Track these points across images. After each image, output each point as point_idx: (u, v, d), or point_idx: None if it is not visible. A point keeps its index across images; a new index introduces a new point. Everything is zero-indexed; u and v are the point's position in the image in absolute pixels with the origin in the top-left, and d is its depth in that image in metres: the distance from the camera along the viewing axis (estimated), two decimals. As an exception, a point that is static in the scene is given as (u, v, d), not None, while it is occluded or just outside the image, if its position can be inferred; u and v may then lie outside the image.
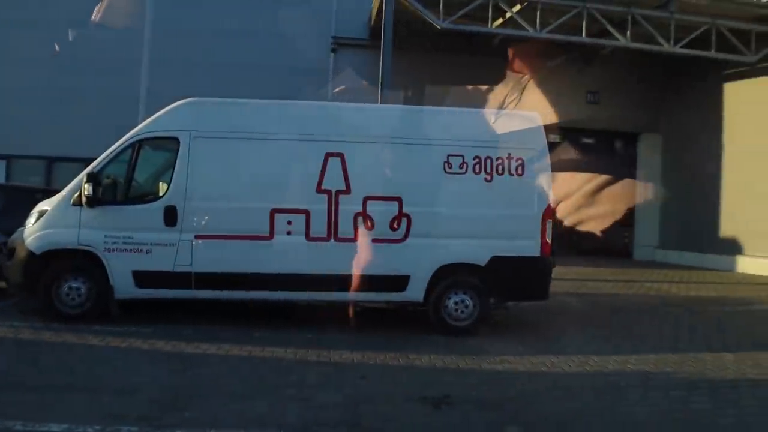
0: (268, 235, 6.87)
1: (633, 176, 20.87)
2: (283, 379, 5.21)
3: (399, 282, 7.05)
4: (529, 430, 4.20)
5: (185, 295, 6.98)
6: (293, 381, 5.18)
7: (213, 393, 4.77)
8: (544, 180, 7.35)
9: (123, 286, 6.81)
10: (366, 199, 6.95)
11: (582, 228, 14.21)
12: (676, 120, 19.97)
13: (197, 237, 6.85)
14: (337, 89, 16.95)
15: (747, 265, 16.68)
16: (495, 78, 18.64)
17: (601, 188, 20.26)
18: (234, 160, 7.06)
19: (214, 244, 6.87)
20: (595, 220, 18.16)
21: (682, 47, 15.41)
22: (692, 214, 18.86)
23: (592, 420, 4.47)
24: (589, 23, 14.91)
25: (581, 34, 14.93)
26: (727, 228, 17.68)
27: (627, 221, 20.58)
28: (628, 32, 14.84)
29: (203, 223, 6.90)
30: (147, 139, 7.11)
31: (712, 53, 15.55)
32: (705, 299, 11.32)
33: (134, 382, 4.96)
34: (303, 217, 6.88)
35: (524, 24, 14.47)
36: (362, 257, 6.93)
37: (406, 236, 7.00)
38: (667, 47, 15.30)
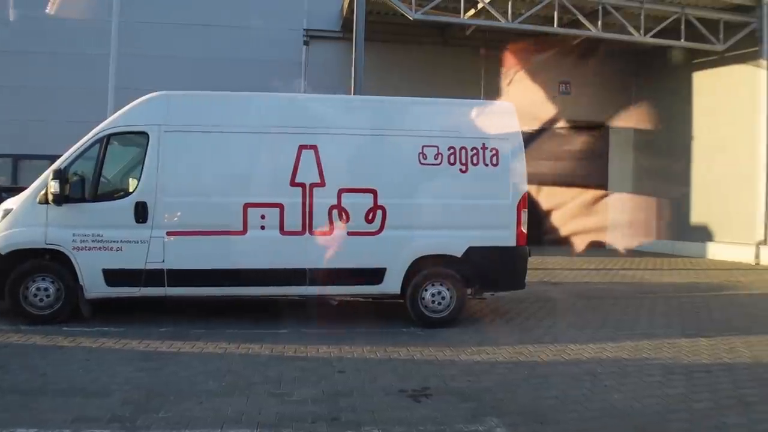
0: (241, 229, 6.77)
1: (605, 166, 21.11)
2: (259, 376, 5.14)
3: (375, 275, 7.02)
4: (507, 420, 4.19)
5: (158, 293, 6.84)
6: (270, 377, 5.11)
7: (188, 392, 4.68)
8: (518, 170, 7.36)
9: (93, 285, 6.66)
10: (341, 191, 6.89)
11: (557, 217, 14.29)
12: (646, 109, 20.19)
13: (169, 233, 6.72)
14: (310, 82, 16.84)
15: (717, 251, 17.02)
16: (468, 68, 18.68)
17: (573, 178, 20.46)
18: (205, 154, 6.94)
19: (186, 240, 6.74)
20: (570, 210, 18.31)
21: (652, 37, 15.58)
22: (663, 203, 19.12)
23: (569, 408, 4.48)
24: (561, 13, 15.00)
25: (553, 25, 15.00)
26: (697, 216, 17.99)
27: (601, 210, 20.80)
28: (600, 22, 14.97)
29: (175, 219, 6.78)
30: (115, 134, 6.94)
31: (681, 42, 15.78)
32: (679, 285, 11.50)
33: (106, 384, 4.85)
34: (277, 210, 6.79)
35: (496, 14, 14.50)
36: (338, 250, 6.88)
37: (381, 228, 6.96)
38: (637, 37, 15.48)
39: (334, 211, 6.88)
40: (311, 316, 7.42)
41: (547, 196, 13.05)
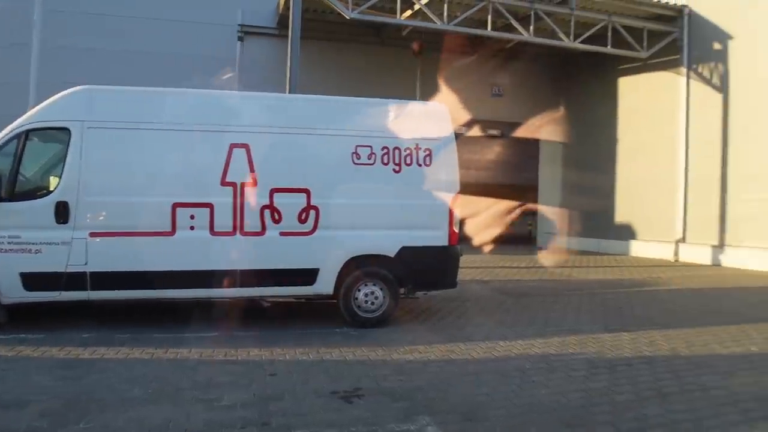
0: (169, 230, 6.58)
1: (536, 167, 21.72)
2: (187, 381, 5.00)
3: (308, 275, 6.96)
4: (439, 418, 4.23)
5: (80, 297, 6.55)
6: (199, 382, 4.98)
7: (112, 400, 4.50)
8: (451, 170, 7.46)
9: (10, 289, 6.33)
10: (273, 191, 6.80)
11: (487, 217, 14.56)
12: (575, 112, 20.90)
13: (92, 234, 6.45)
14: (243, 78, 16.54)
15: (639, 248, 17.80)
16: (403, 69, 18.78)
17: (505, 178, 20.95)
18: (131, 152, 6.69)
19: (111, 242, 6.49)
20: (500, 209, 18.68)
21: (581, 42, 16.13)
22: (590, 203, 19.80)
23: (499, 404, 4.56)
24: (495, 17, 15.31)
25: (487, 28, 15.30)
26: (621, 215, 18.74)
27: (531, 210, 21.38)
28: (532, 27, 15.36)
29: (99, 219, 6.52)
30: (35, 129, 6.60)
31: (608, 49, 16.40)
32: (603, 282, 11.95)
33: (22, 394, 4.59)
34: (207, 210, 6.63)
35: (432, 16, 14.65)
36: (269, 251, 6.80)
37: (314, 229, 6.91)
38: (567, 42, 15.97)
39: (266, 211, 6.78)
40: (242, 318, 7.29)
41: (477, 196, 13.28)
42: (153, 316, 7.38)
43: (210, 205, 6.65)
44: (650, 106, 17.69)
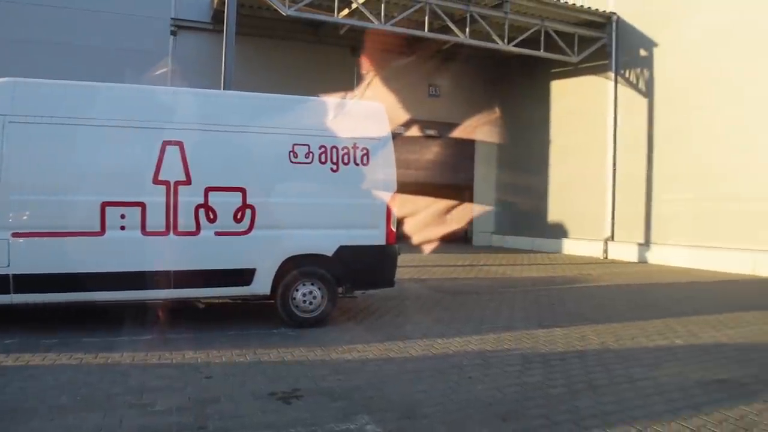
0: (98, 230, 6.31)
1: (472, 167, 22.09)
2: (119, 386, 4.81)
3: (244, 275, 6.83)
4: (378, 417, 4.23)
5: (2, 301, 6.19)
6: (131, 387, 4.80)
7: (38, 409, 4.26)
8: (388, 170, 7.49)
9: (-76, 294, 5.94)
10: (207, 190, 6.63)
11: (424, 217, 14.73)
12: (509, 114, 21.39)
13: (15, 234, 6.13)
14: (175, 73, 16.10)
15: (571, 246, 18.39)
16: (341, 67, 18.76)
17: (442, 178, 21.22)
18: (57, 149, 6.38)
19: (35, 243, 6.18)
20: (437, 209, 18.95)
21: (515, 46, 16.52)
22: (524, 202, 20.34)
23: (437, 401, 4.60)
24: (432, 19, 15.47)
25: (424, 29, 15.45)
26: (554, 214, 19.31)
27: (466, 209, 21.77)
28: (467, 29, 15.60)
29: (22, 218, 6.20)
30: (-50, 123, 6.21)
31: (541, 53, 16.86)
32: (537, 279, 12.27)
33: (-63, 404, 4.33)
34: (138, 210, 6.40)
35: (369, 15, 14.67)
36: (204, 251, 6.64)
37: (250, 228, 6.79)
38: (501, 45, 16.32)
39: (201, 211, 6.61)
40: (177, 320, 7.10)
41: (415, 196, 13.40)
42: (82, 320, 7.10)
43: (142, 204, 6.43)
44: (581, 109, 18.32)
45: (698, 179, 14.56)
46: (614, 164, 17.01)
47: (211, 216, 6.65)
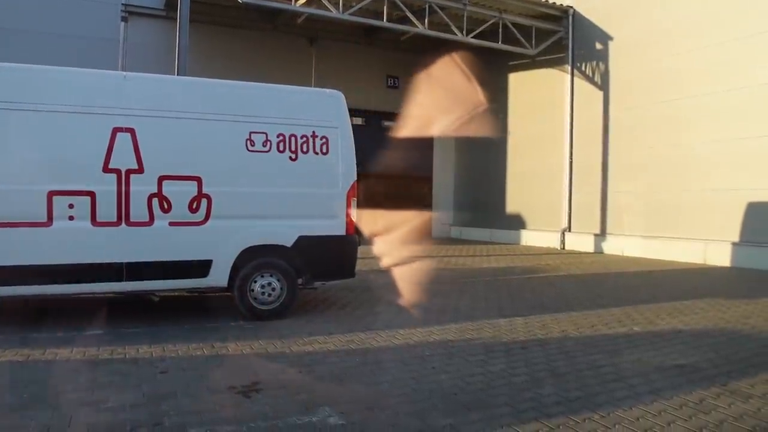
0: (45, 221, 6.00)
1: (431, 158, 22.13)
2: (69, 383, 4.58)
3: (200, 267, 6.62)
4: (340, 408, 4.13)
5: (-60, 296, 5.88)
6: (82, 384, 4.57)
7: (-22, 408, 4.04)
8: (348, 159, 7.36)
9: None
10: (161, 179, 6.38)
11: (383, 208, 14.65)
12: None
13: (-46, 226, 5.79)
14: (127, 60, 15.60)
15: (529, 237, 18.61)
16: (299, 57, 18.50)
17: (401, 170, 21.15)
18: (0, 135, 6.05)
19: (-24, 234, 5.85)
20: (396, 201, 18.85)
21: (473, 38, 16.56)
22: (483, 194, 20.49)
23: (400, 392, 4.54)
24: (391, 9, 15.37)
25: (383, 19, 15.33)
26: (512, 206, 19.50)
27: (426, 201, 21.81)
28: (426, 20, 15.55)
29: (-38, 209, 5.86)
30: None
31: (499, 45, 16.93)
32: (496, 270, 12.35)
33: None
34: (87, 199, 6.11)
35: (327, 4, 14.47)
36: (158, 242, 6.40)
37: (206, 218, 6.58)
38: (460, 37, 16.33)
39: (154, 200, 6.36)
40: (130, 314, 6.87)
41: (374, 187, 13.32)
42: (28, 314, 6.79)
43: (91, 194, 6.14)
44: (538, 101, 18.52)
45: (652, 171, 14.88)
46: (571, 156, 17.26)
47: (165, 206, 6.41)
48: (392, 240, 14.72)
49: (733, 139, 13.03)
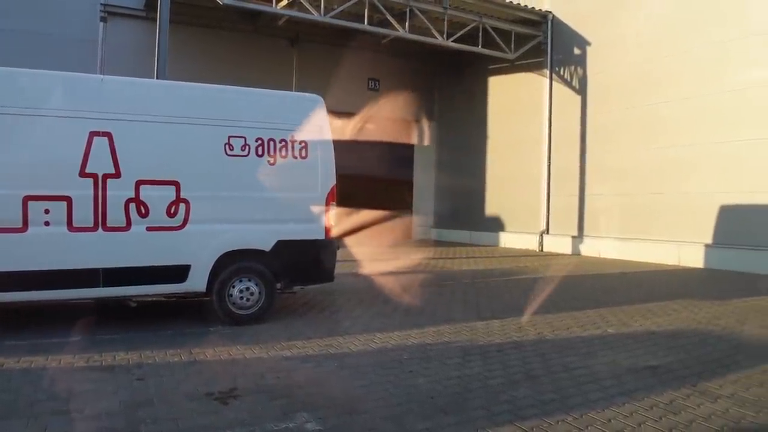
0: (20, 226, 5.94)
1: (411, 161, 22.21)
2: (44, 392, 4.53)
3: (178, 272, 6.60)
4: (318, 414, 4.16)
5: None
6: (57, 392, 4.53)
7: (-50, 418, 4.00)
8: (327, 163, 7.39)
9: None
10: (139, 183, 6.36)
11: (363, 210, 14.68)
12: (448, 110, 21.62)
13: (-72, 231, 5.71)
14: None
15: (508, 240, 18.75)
16: (280, 59, 18.47)
17: (381, 172, 21.20)
18: (-26, 140, 5.97)
19: (-51, 240, 5.78)
20: (376, 204, 18.90)
21: (453, 41, 16.65)
22: (463, 196, 20.60)
23: (378, 396, 4.57)
24: (372, 12, 15.40)
25: (364, 22, 15.36)
26: (491, 208, 19.64)
27: (406, 203, 21.89)
28: (407, 24, 15.61)
29: (-67, 214, 5.78)
30: None
31: (479, 49, 17.05)
32: (475, 272, 12.43)
33: None
34: (64, 204, 6.06)
35: (309, 7, 14.47)
36: (135, 247, 6.37)
37: (184, 223, 6.56)
38: (441, 40, 16.42)
39: (132, 205, 6.33)
40: (107, 320, 6.81)
41: (355, 190, 13.32)
42: (4, 321, 6.69)
43: (68, 198, 6.09)
44: (517, 105, 18.68)
45: (628, 174, 15.09)
46: (549, 159, 17.43)
47: (143, 210, 6.39)
48: (372, 243, 14.76)
49: (706, 143, 13.27)
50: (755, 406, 4.41)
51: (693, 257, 13.43)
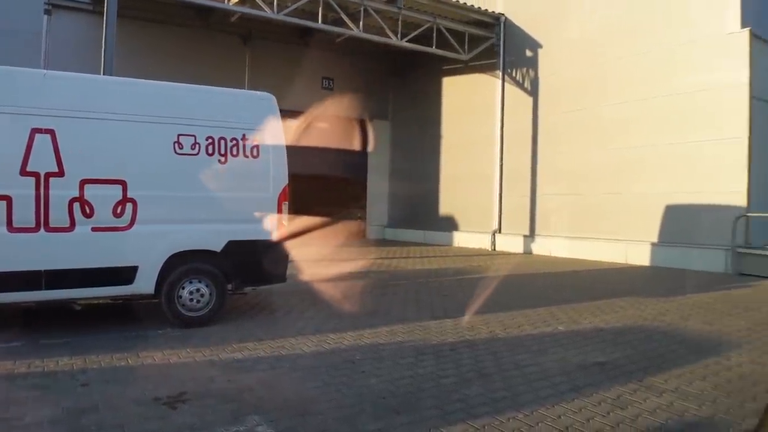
0: (-43, 227, 5.69)
1: (365, 161, 22.20)
2: (-19, 399, 4.37)
3: (126, 274, 6.41)
4: (270, 416, 4.10)
5: None
6: (-4, 399, 4.37)
7: None
8: (279, 162, 7.30)
9: None
10: (83, 182, 6.15)
11: (317, 211, 14.59)
12: (402, 109, 21.70)
13: None
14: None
15: (461, 239, 18.93)
16: (232, 56, 18.20)
17: (335, 171, 21.15)
18: None
19: None
20: (330, 204, 18.86)
21: (407, 41, 16.71)
22: (417, 196, 20.70)
23: (330, 397, 4.54)
24: (326, 11, 15.32)
25: (317, 21, 15.27)
26: (445, 208, 19.80)
27: (360, 203, 21.88)
28: (361, 23, 15.58)
29: None
30: None
31: (433, 49, 17.16)
32: (429, 272, 12.50)
33: None
34: (3, 204, 5.81)
35: (261, 4, 14.30)
36: (80, 248, 6.16)
37: (132, 223, 6.38)
38: (395, 40, 16.45)
39: (76, 205, 6.12)
40: (50, 324, 6.58)
41: (307, 189, 13.24)
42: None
43: (7, 198, 5.84)
44: (471, 106, 18.88)
45: (577, 175, 15.44)
46: (501, 160, 17.68)
47: (88, 210, 6.18)
48: (325, 243, 14.68)
49: (655, 145, 13.68)
50: (698, 399, 4.56)
51: (639, 255, 13.83)
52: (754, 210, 12.26)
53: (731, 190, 12.25)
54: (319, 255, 13.62)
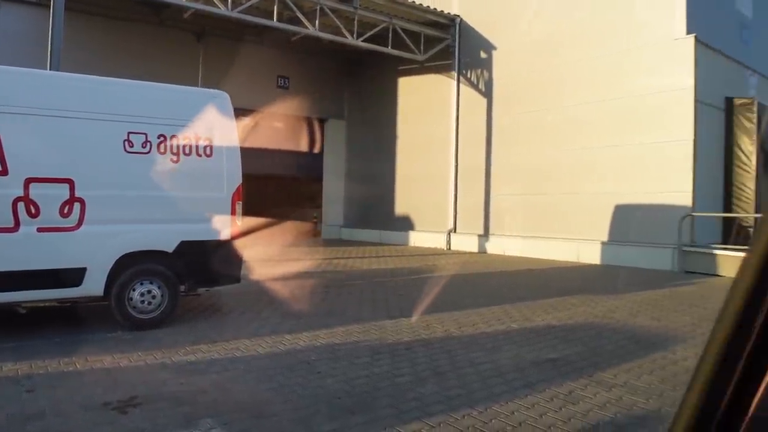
0: None
1: (320, 161, 22.12)
2: None
3: (73, 275, 6.22)
4: (224, 419, 4.04)
5: None
6: (-68, 407, 4.19)
7: None
8: (233, 161, 7.21)
9: None
10: (28, 181, 5.93)
11: (272, 211, 14.48)
12: (358, 109, 21.70)
13: None
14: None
15: (417, 238, 19.05)
16: (185, 53, 17.89)
17: (290, 170, 21.02)
18: None
19: None
20: (285, 203, 18.73)
21: (363, 41, 16.72)
22: (372, 196, 20.74)
23: (285, 399, 4.51)
24: (281, 9, 15.20)
25: (273, 19, 15.13)
26: (400, 208, 19.89)
27: (316, 203, 21.80)
28: (317, 22, 15.52)
29: None
30: None
31: (388, 49, 17.22)
32: (384, 271, 12.53)
33: None
34: (-58, 204, 5.60)
35: (216, 1, 14.09)
36: (25, 249, 5.94)
37: (79, 223, 6.18)
38: (351, 40, 16.44)
39: (20, 204, 5.90)
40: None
41: (262, 189, 13.11)
42: None
43: (-54, 198, 5.63)
44: (426, 106, 19.02)
45: (530, 175, 15.72)
46: (456, 160, 17.86)
47: (33, 210, 5.97)
48: (279, 243, 14.56)
49: (606, 146, 14.04)
50: (646, 393, 4.70)
51: (590, 254, 14.17)
52: (698, 210, 12.72)
53: (678, 190, 12.68)
54: (274, 255, 13.52)
